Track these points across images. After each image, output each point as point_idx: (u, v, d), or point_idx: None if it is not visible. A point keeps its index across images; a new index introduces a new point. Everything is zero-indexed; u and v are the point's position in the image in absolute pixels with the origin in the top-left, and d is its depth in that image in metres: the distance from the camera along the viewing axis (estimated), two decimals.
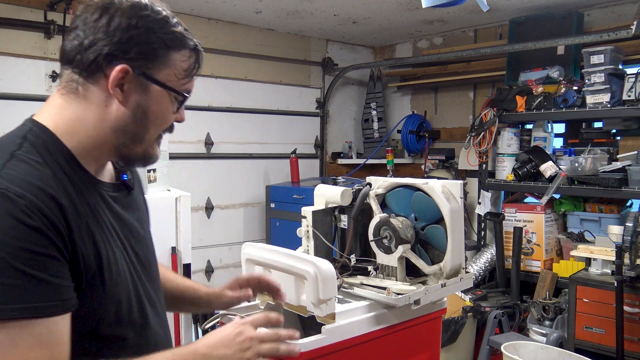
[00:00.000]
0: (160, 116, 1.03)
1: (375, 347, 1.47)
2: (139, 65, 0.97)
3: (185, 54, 1.02)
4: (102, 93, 0.98)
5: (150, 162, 1.09)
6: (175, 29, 1.01)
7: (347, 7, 3.86)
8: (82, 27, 0.96)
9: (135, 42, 0.96)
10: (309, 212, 1.67)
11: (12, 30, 3.33)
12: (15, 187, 0.85)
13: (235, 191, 4.46)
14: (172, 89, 1.01)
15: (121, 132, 1.00)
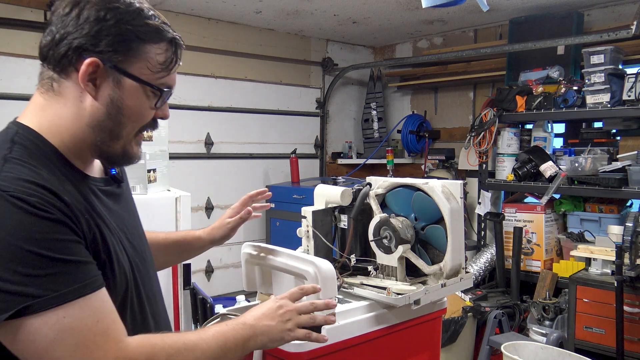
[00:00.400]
0: (136, 111, 1.01)
1: (375, 347, 1.47)
2: (110, 58, 0.95)
3: (162, 47, 1.00)
4: (76, 88, 0.97)
5: (132, 161, 1.08)
6: (150, 21, 0.98)
7: (347, 7, 3.86)
8: (54, 22, 0.96)
9: (105, 34, 0.94)
10: (309, 212, 1.67)
11: (12, 30, 3.33)
12: (22, 188, 0.87)
13: (235, 191, 4.46)
14: (146, 82, 0.99)
15: (98, 129, 0.99)
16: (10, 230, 0.84)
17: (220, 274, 4.32)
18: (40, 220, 0.86)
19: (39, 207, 0.86)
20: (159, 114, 1.06)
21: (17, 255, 0.83)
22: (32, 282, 0.83)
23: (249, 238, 4.52)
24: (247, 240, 4.71)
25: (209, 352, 0.99)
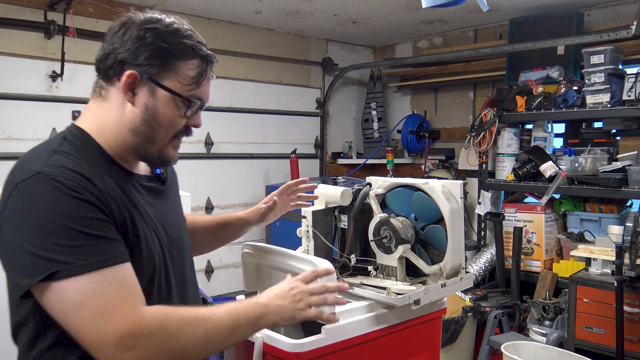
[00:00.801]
0: (168, 118, 1.14)
1: (375, 347, 1.47)
2: (146, 71, 1.10)
3: (194, 63, 1.13)
4: (119, 96, 1.12)
5: (168, 163, 1.23)
6: (185, 40, 1.12)
7: (347, 7, 3.86)
8: (107, 40, 1.13)
9: (143, 50, 1.09)
10: (309, 212, 1.67)
11: (12, 30, 3.33)
12: (62, 174, 1.02)
13: (235, 191, 4.46)
14: (176, 93, 1.12)
15: (135, 133, 1.13)
16: (49, 207, 0.99)
17: (220, 274, 4.33)
18: (74, 200, 1.00)
19: (74, 189, 1.00)
20: (191, 122, 1.19)
21: (52, 228, 0.97)
22: (63, 251, 0.97)
23: (249, 238, 4.49)
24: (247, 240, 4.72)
25: (220, 326, 1.07)
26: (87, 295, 0.97)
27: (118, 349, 0.96)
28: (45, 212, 0.99)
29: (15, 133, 3.37)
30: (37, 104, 3.43)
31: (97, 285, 0.98)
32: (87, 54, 3.61)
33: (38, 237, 0.98)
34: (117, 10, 3.67)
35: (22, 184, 1.01)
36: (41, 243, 0.97)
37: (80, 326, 0.97)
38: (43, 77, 3.46)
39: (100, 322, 0.97)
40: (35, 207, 0.99)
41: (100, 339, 0.96)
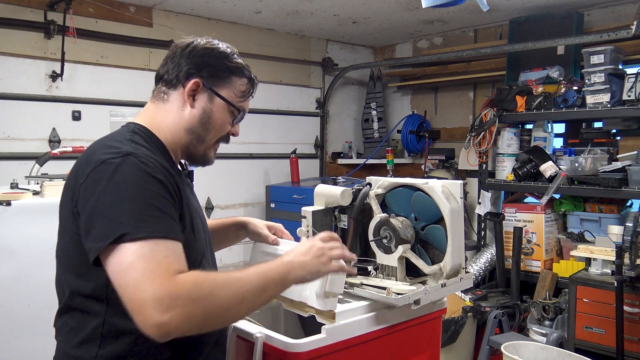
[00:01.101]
0: (220, 122, 1.35)
1: (375, 347, 1.47)
2: (208, 82, 1.32)
3: (244, 81, 1.39)
4: (180, 100, 1.33)
5: (208, 163, 1.41)
6: (238, 61, 1.37)
7: (347, 7, 3.86)
8: (172, 56, 1.35)
9: (207, 65, 1.32)
10: (309, 212, 1.67)
11: (12, 30, 3.33)
12: (145, 156, 1.18)
13: (235, 191, 4.46)
14: (230, 103, 1.35)
15: (190, 132, 1.33)
16: (134, 181, 1.14)
17: None
18: (154, 180, 1.15)
19: (153, 169, 1.17)
20: (232, 130, 1.40)
21: (133, 197, 1.12)
22: (137, 217, 1.10)
23: None
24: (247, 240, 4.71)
25: (251, 284, 1.16)
26: (139, 257, 1.07)
27: (157, 311, 1.03)
28: (129, 184, 1.13)
29: (15, 133, 3.37)
30: (37, 104, 3.43)
31: (149, 250, 1.08)
32: (87, 54, 3.61)
33: (118, 204, 1.11)
34: (117, 10, 3.69)
35: (110, 161, 1.15)
36: (119, 209, 1.10)
37: (127, 286, 1.06)
38: (43, 77, 3.46)
39: (144, 284, 1.05)
40: (121, 179, 1.13)
41: (141, 298, 1.04)
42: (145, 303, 1.03)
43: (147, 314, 1.03)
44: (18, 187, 2.65)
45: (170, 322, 1.03)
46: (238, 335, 1.41)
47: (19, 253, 2.34)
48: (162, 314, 1.03)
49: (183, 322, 1.05)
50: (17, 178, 2.76)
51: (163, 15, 3.95)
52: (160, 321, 1.03)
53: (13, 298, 2.33)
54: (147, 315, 1.03)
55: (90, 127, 3.56)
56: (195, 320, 1.07)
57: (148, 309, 1.03)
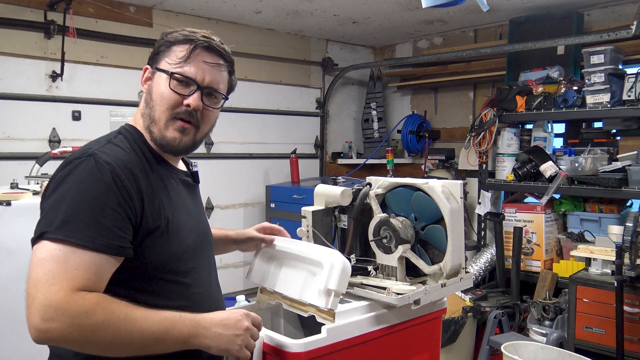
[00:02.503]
0: (158, 93, 1.28)
1: (375, 347, 1.47)
2: (153, 63, 1.31)
3: (184, 47, 1.28)
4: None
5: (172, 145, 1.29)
6: (182, 32, 1.30)
7: (347, 7, 3.86)
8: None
9: (156, 49, 1.32)
10: (309, 212, 1.67)
11: (12, 30, 3.33)
12: (106, 158, 1.16)
13: (235, 191, 4.46)
14: (163, 70, 1.28)
15: (143, 116, 1.31)
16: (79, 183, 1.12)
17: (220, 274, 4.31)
18: (101, 185, 1.12)
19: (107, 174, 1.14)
20: (185, 101, 1.28)
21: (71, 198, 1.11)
22: (66, 219, 1.09)
23: None
24: None
25: (148, 332, 1.09)
26: (50, 257, 1.06)
27: (39, 316, 1.02)
28: (73, 185, 1.12)
29: (15, 133, 3.37)
30: (37, 104, 3.43)
31: (63, 255, 1.07)
32: (87, 54, 3.61)
33: (57, 204, 1.11)
34: (117, 10, 3.69)
35: (74, 161, 1.16)
36: (56, 208, 1.10)
37: (30, 278, 1.06)
38: (43, 77, 3.46)
39: (42, 285, 1.04)
40: (72, 179, 1.13)
41: (33, 298, 1.04)
42: (34, 302, 1.03)
43: (31, 314, 1.03)
44: (18, 187, 2.66)
45: (47, 332, 1.02)
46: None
47: (19, 253, 2.33)
48: (42, 321, 1.02)
49: (59, 338, 1.03)
50: (17, 178, 2.76)
51: (163, 15, 3.95)
52: (38, 327, 1.02)
53: (13, 298, 2.32)
54: (31, 315, 1.03)
55: (90, 127, 3.56)
56: (72, 343, 1.05)
57: (34, 310, 1.03)
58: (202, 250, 1.37)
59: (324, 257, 1.38)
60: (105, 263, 1.11)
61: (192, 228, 1.33)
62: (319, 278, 1.36)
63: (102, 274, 1.11)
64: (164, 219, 1.23)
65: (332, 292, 1.33)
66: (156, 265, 1.22)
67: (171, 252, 1.24)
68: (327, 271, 1.34)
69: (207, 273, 1.37)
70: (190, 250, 1.30)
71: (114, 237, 1.12)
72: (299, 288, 1.43)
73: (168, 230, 1.24)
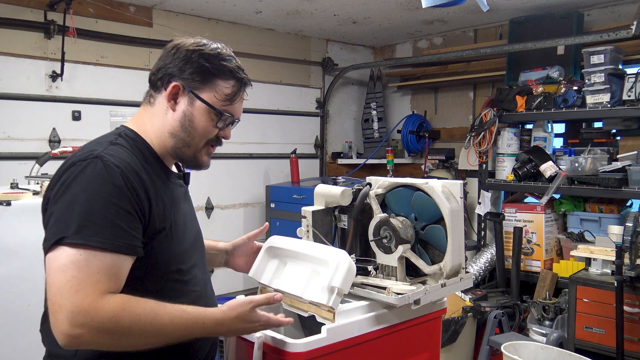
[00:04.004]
0: (202, 126, 1.31)
1: (375, 347, 1.47)
2: (189, 84, 1.29)
3: (230, 83, 1.32)
4: (164, 103, 1.31)
5: (201, 167, 1.38)
6: (225, 63, 1.31)
7: (347, 7, 3.86)
8: (161, 58, 1.33)
9: (189, 67, 1.28)
10: (309, 212, 1.67)
11: (12, 30, 3.33)
12: (115, 160, 1.18)
13: (235, 191, 4.46)
14: (211, 106, 1.30)
15: (174, 135, 1.31)
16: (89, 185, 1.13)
17: (220, 274, 4.31)
18: (111, 186, 1.14)
19: (116, 176, 1.15)
20: (221, 134, 1.35)
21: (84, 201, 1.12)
22: (81, 223, 1.10)
23: None
24: None
25: (172, 334, 1.16)
26: (72, 263, 1.08)
27: (68, 323, 1.05)
28: (84, 188, 1.13)
29: (15, 133, 3.36)
30: (37, 104, 3.43)
31: (85, 259, 1.09)
32: (87, 54, 3.61)
33: (69, 207, 1.12)
34: (117, 10, 3.69)
35: (80, 163, 1.16)
36: (69, 212, 1.11)
37: (53, 288, 1.08)
38: (43, 77, 3.46)
39: (67, 292, 1.06)
40: (79, 182, 1.13)
41: (60, 305, 1.06)
42: (61, 309, 1.06)
43: (59, 321, 1.06)
44: (18, 187, 2.66)
45: (78, 338, 1.06)
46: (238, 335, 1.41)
47: (19, 253, 2.34)
48: (72, 327, 1.05)
49: (89, 343, 1.08)
50: (17, 178, 2.76)
51: (163, 15, 3.95)
52: (68, 333, 1.05)
53: (13, 298, 2.33)
54: (59, 322, 1.06)
55: (90, 127, 3.56)
56: (101, 346, 1.10)
57: (62, 317, 1.05)
58: (197, 249, 1.40)
59: (331, 255, 1.39)
60: (124, 263, 1.15)
61: (188, 228, 1.37)
62: (324, 275, 1.36)
63: (122, 275, 1.14)
64: (169, 220, 1.26)
65: (335, 289, 1.33)
66: (161, 265, 1.26)
67: (175, 252, 1.28)
68: (332, 269, 1.35)
69: (202, 272, 1.40)
70: (189, 250, 1.34)
71: (129, 237, 1.15)
72: (301, 286, 1.43)
73: (172, 231, 1.27)
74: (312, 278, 1.43)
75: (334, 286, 1.33)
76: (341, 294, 1.36)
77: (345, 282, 1.34)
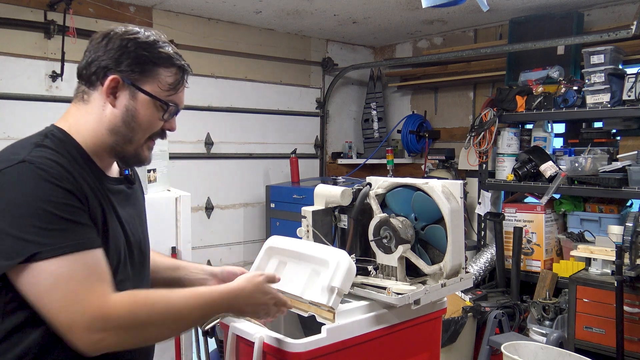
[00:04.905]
0: (146, 120, 1.22)
1: (375, 347, 1.47)
2: (129, 77, 1.18)
3: (172, 71, 1.22)
4: (100, 99, 1.20)
5: (143, 163, 1.29)
6: (163, 50, 1.21)
7: (347, 7, 3.86)
8: (89, 49, 1.22)
9: (126, 58, 1.18)
10: (309, 212, 1.67)
11: (12, 30, 3.33)
12: (44, 163, 1.08)
13: (235, 191, 4.46)
14: (156, 97, 1.21)
15: (114, 132, 1.21)
16: (31, 192, 1.05)
17: None
18: (55, 187, 1.06)
19: (56, 177, 1.07)
20: (167, 125, 1.27)
21: (33, 212, 1.04)
22: (42, 233, 1.03)
23: (249, 238, 4.53)
24: (247, 240, 4.72)
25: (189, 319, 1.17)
26: (59, 278, 1.03)
27: (88, 331, 1.03)
28: (27, 196, 1.05)
29: (15, 133, 3.36)
30: (37, 104, 3.43)
31: (68, 269, 1.04)
32: None
33: (18, 220, 1.03)
34: (117, 10, 3.69)
35: (5, 171, 1.07)
36: (21, 226, 1.03)
37: (52, 308, 1.03)
38: (43, 77, 3.46)
39: (70, 306, 1.03)
40: (17, 191, 1.05)
41: (71, 320, 1.03)
42: (74, 325, 1.03)
43: (78, 336, 1.03)
44: None
45: (102, 342, 1.04)
46: (238, 335, 1.41)
47: None
48: (93, 334, 1.03)
49: (114, 343, 1.06)
50: None
51: (163, 15, 3.95)
52: (91, 342, 1.04)
53: None
54: (79, 336, 1.03)
55: None
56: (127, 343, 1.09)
57: (79, 330, 1.03)
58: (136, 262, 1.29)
59: (331, 255, 1.39)
60: (99, 256, 1.11)
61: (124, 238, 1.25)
62: (324, 276, 1.36)
63: (106, 268, 1.11)
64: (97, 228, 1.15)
65: (335, 289, 1.33)
66: None
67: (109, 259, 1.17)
68: (332, 269, 1.35)
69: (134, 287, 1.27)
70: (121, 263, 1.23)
71: (93, 231, 1.11)
72: (301, 286, 1.43)
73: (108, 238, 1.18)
74: (312, 278, 1.43)
75: (334, 286, 1.33)
76: (341, 294, 1.36)
77: (345, 282, 1.34)
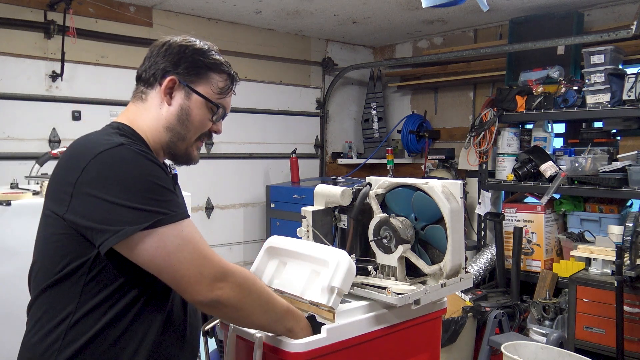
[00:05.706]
0: (198, 119, 1.35)
1: (375, 347, 1.47)
2: (185, 78, 1.32)
3: (223, 77, 1.36)
4: (158, 98, 1.33)
5: (191, 162, 1.44)
6: (216, 57, 1.35)
7: (347, 7, 3.86)
8: (149, 55, 1.35)
9: (184, 62, 1.32)
10: (309, 212, 1.67)
11: (12, 30, 3.33)
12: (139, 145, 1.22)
13: (235, 191, 4.46)
14: (208, 99, 1.34)
15: (169, 129, 1.34)
16: (139, 169, 1.17)
17: None
18: (157, 166, 1.20)
19: (154, 157, 1.22)
20: (214, 127, 1.39)
21: (146, 185, 1.15)
22: (159, 204, 1.15)
23: (249, 238, 4.53)
24: (247, 240, 4.72)
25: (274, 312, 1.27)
26: (184, 239, 1.16)
27: (214, 280, 1.16)
28: (136, 173, 1.16)
29: (15, 133, 3.37)
30: (37, 104, 3.43)
31: (188, 232, 1.18)
32: (87, 54, 3.62)
33: (133, 193, 1.13)
34: (117, 10, 3.69)
35: (105, 152, 1.16)
36: (138, 198, 1.13)
37: (182, 265, 1.14)
38: (43, 77, 3.46)
39: (198, 260, 1.16)
40: (125, 169, 1.15)
41: (199, 272, 1.15)
42: (203, 275, 1.15)
43: (204, 284, 1.15)
44: (18, 187, 2.66)
45: (223, 291, 1.17)
46: (238, 335, 1.41)
47: (19, 253, 2.33)
48: (217, 282, 1.16)
49: (232, 297, 1.18)
50: (17, 178, 2.76)
51: (163, 15, 3.95)
52: (215, 289, 1.16)
53: (13, 298, 2.33)
54: (204, 285, 1.15)
55: (90, 127, 3.50)
56: (238, 303, 1.20)
57: (206, 280, 1.15)
58: None
59: (331, 255, 1.39)
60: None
61: None
62: (323, 276, 1.36)
63: None
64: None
65: (335, 289, 1.33)
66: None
67: None
68: (332, 269, 1.35)
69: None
70: None
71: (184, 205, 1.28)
72: (301, 286, 1.43)
73: None
74: (312, 278, 1.43)
75: (333, 286, 1.33)
76: (341, 294, 1.36)
77: (345, 282, 1.34)
